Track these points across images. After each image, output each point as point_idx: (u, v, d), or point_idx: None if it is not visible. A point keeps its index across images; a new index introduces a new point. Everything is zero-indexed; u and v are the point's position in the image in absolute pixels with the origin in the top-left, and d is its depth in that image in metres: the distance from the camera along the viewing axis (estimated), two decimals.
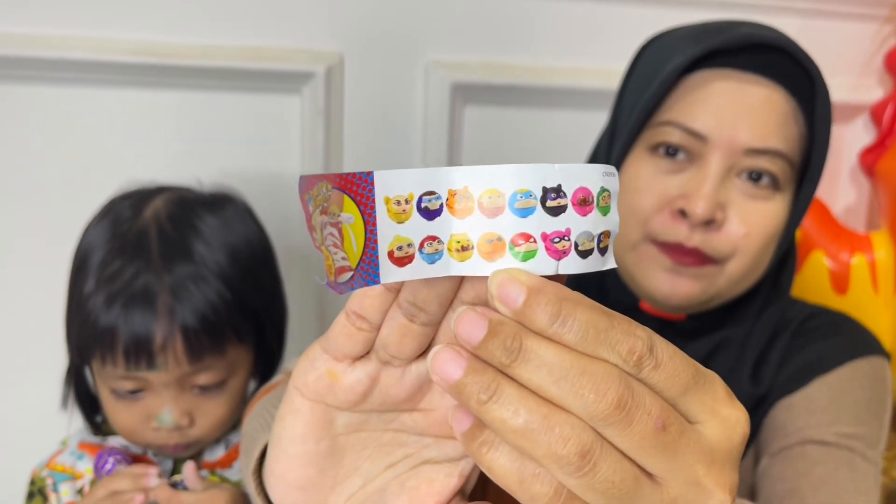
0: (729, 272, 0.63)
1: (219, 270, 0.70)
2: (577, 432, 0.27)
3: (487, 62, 1.09)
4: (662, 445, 0.27)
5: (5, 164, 1.02)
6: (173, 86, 1.03)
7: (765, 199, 0.62)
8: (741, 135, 0.60)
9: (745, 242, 0.61)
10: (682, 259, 0.62)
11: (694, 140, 0.61)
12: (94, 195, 1.03)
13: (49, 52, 0.98)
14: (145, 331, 0.66)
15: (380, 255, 0.28)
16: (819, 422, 0.63)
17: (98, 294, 0.67)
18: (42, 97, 1.01)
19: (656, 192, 0.62)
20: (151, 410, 0.70)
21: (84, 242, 0.73)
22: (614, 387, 0.27)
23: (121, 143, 1.04)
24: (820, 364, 0.66)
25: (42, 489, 0.73)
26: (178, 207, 0.73)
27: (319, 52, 1.04)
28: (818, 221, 1.17)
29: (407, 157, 1.11)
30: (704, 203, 0.59)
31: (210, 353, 0.69)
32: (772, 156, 0.60)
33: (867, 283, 1.14)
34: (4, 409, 1.05)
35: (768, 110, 0.60)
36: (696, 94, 0.62)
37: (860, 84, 1.22)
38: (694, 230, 0.61)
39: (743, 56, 0.61)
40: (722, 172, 0.61)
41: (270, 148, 1.07)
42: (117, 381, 0.69)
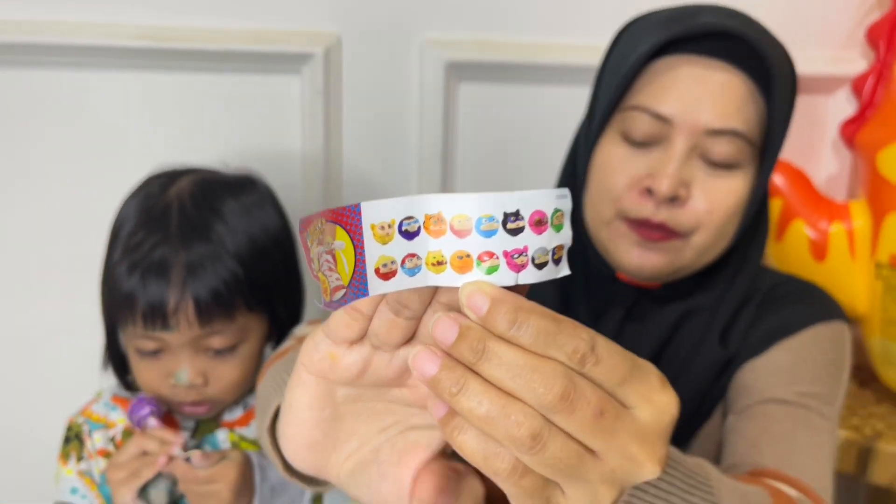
0: (694, 245, 0.67)
1: (235, 250, 0.75)
2: (529, 419, 0.33)
3: (480, 41, 1.12)
4: (600, 428, 0.34)
5: (18, 145, 1.06)
6: (177, 68, 1.06)
7: (726, 177, 0.66)
8: (702, 117, 0.64)
9: (708, 217, 0.66)
10: (649, 234, 0.67)
11: (660, 123, 0.66)
12: (103, 172, 1.09)
13: (57, 37, 1.01)
14: (159, 298, 0.72)
15: (368, 272, 0.34)
16: (779, 381, 0.68)
17: (122, 262, 0.74)
18: (51, 81, 1.05)
19: (626, 172, 0.67)
20: (169, 369, 0.76)
21: (118, 215, 0.79)
22: (560, 381, 0.33)
23: (127, 124, 1.08)
24: (783, 329, 0.71)
25: (78, 434, 0.80)
26: (201, 188, 0.78)
27: (318, 33, 1.08)
28: (799, 191, 1.22)
29: (403, 134, 1.15)
30: (669, 181, 0.64)
31: (220, 319, 0.75)
32: (731, 135, 0.65)
33: (845, 250, 1.19)
34: (47, 368, 1.13)
35: (728, 93, 0.64)
36: (661, 80, 0.66)
37: (843, 56, 1.26)
38: (660, 207, 0.65)
39: (705, 42, 0.65)
40: (685, 153, 0.65)
41: (272, 126, 1.11)
42: (139, 341, 0.75)
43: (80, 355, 1.10)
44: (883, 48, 1.18)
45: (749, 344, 0.72)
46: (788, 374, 0.69)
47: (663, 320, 0.71)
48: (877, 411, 1.18)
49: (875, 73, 1.19)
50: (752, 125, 0.65)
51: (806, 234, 1.20)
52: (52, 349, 1.14)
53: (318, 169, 1.12)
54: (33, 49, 1.02)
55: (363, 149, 1.14)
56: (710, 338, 0.71)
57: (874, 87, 1.19)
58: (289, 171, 1.10)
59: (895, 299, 1.12)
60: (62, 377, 1.12)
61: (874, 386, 1.26)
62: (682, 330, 0.72)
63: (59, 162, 1.08)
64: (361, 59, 1.11)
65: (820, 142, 1.32)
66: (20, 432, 1.15)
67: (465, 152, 1.16)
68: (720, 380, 0.72)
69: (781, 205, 1.21)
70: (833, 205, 1.22)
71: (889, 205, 1.12)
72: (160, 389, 0.78)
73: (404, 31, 1.11)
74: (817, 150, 1.33)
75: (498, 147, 1.17)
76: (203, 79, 1.08)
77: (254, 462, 0.72)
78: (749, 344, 0.72)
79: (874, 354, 1.20)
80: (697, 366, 0.72)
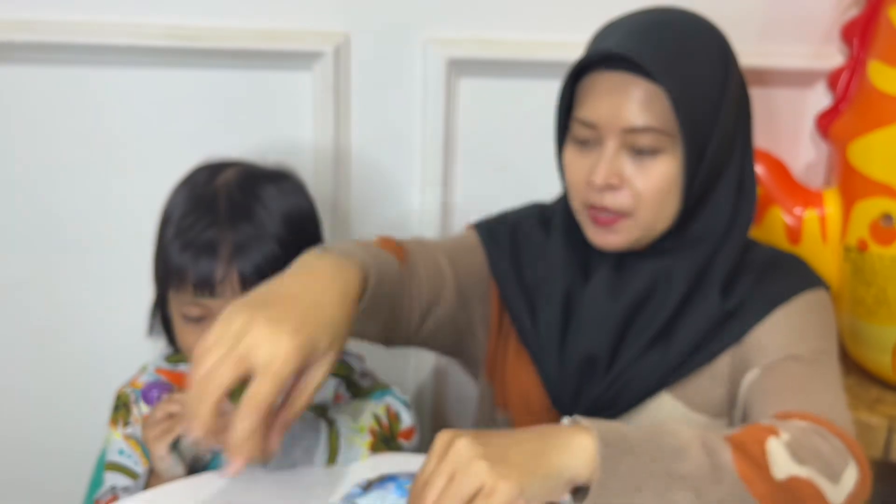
0: (640, 221, 0.81)
1: (274, 232, 0.85)
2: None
3: (479, 39, 1.20)
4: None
5: (53, 138, 1.16)
6: (198, 66, 1.15)
7: (652, 162, 0.80)
8: (618, 120, 0.79)
9: (643, 197, 0.80)
10: (603, 220, 0.82)
11: (592, 129, 0.81)
12: (132, 162, 1.18)
13: (88, 37, 1.10)
14: (209, 272, 0.82)
15: None
16: (791, 341, 0.80)
17: (176, 241, 0.84)
18: (81, 78, 1.14)
19: (580, 170, 0.83)
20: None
21: (169, 202, 0.90)
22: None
23: (152, 117, 1.17)
24: (781, 294, 0.84)
25: (126, 403, 0.90)
26: (245, 178, 0.89)
27: (328, 33, 1.16)
28: (777, 179, 1.30)
29: (407, 126, 1.24)
30: (602, 174, 0.79)
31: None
32: (644, 130, 0.78)
33: (817, 235, 1.28)
34: (99, 340, 1.24)
35: (635, 98, 0.78)
36: (588, 93, 0.81)
37: (821, 52, 1.33)
38: (603, 194, 0.80)
39: (615, 62, 0.79)
40: (614, 149, 0.79)
41: (286, 120, 1.20)
42: (187, 308, 0.85)
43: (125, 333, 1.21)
44: (857, 45, 1.26)
45: (752, 306, 0.84)
46: (797, 333, 0.82)
47: (645, 272, 0.85)
48: (845, 383, 1.28)
49: (849, 69, 1.27)
50: (662, 118, 0.78)
51: (782, 220, 1.29)
52: (99, 327, 1.25)
53: (329, 159, 1.21)
54: (66, 48, 1.11)
55: (370, 140, 1.23)
56: (711, 293, 0.83)
57: (848, 81, 1.27)
58: (301, 161, 1.18)
59: (862, 281, 1.21)
60: (114, 351, 1.23)
61: (843, 361, 1.36)
62: (667, 282, 0.84)
63: (91, 152, 1.17)
64: (369, 57, 1.19)
65: (799, 132, 1.39)
66: (74, 401, 1.27)
67: (464, 143, 1.25)
68: (721, 329, 0.84)
69: (760, 192, 1.30)
70: (808, 192, 1.30)
71: (858, 193, 1.21)
72: None
73: (408, 30, 1.19)
74: (797, 140, 1.40)
75: (495, 138, 1.26)
76: (222, 75, 1.17)
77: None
78: (752, 306, 0.84)
79: (843, 331, 1.29)
80: (697, 313, 0.83)
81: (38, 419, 1.28)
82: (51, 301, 1.22)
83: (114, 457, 0.88)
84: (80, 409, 1.26)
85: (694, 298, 0.84)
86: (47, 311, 1.22)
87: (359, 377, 0.95)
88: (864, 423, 1.14)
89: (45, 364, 1.25)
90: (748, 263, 0.87)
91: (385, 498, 0.73)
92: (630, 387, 0.84)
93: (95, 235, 1.21)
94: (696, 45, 0.81)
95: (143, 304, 0.98)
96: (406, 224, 1.28)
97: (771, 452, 0.65)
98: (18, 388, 1.26)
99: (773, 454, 0.65)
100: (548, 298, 0.88)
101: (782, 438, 0.67)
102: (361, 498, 0.74)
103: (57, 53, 1.11)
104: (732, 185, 0.84)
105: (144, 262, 1.17)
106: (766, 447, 0.65)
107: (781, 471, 0.65)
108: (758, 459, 0.65)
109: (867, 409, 1.17)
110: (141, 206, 1.18)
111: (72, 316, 1.23)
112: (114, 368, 1.22)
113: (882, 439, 1.14)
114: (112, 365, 1.23)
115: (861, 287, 1.22)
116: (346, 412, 0.86)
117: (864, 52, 1.24)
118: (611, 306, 0.84)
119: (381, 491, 0.74)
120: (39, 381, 1.26)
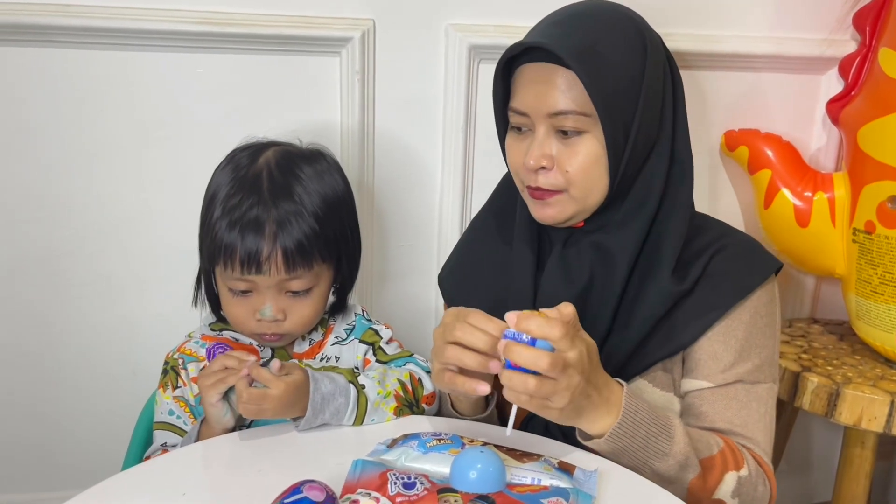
0: (574, 195, 0.88)
1: (312, 210, 0.91)
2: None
3: (500, 25, 1.25)
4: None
5: (93, 119, 1.22)
6: (232, 50, 1.21)
7: (577, 142, 0.86)
8: (543, 106, 0.85)
9: (570, 175, 0.86)
10: (539, 195, 0.89)
11: (523, 117, 0.88)
12: (168, 142, 1.24)
13: (127, 22, 1.16)
14: (255, 248, 0.88)
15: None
16: (737, 358, 0.89)
17: (223, 220, 0.89)
18: (119, 61, 1.20)
19: (517, 155, 0.90)
20: (256, 306, 0.92)
21: (213, 182, 0.94)
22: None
23: (188, 99, 1.23)
24: (737, 291, 0.89)
25: (174, 367, 0.96)
26: (284, 158, 0.94)
27: (355, 19, 1.21)
28: (786, 163, 1.34)
29: (430, 108, 1.29)
30: (533, 157, 0.86)
31: (301, 266, 0.90)
32: (566, 113, 0.84)
33: (826, 217, 1.32)
34: (146, 311, 1.31)
35: (558, 84, 0.85)
36: (518, 84, 0.88)
37: (834, 39, 1.36)
38: (537, 175, 0.87)
39: (535, 52, 0.86)
40: (544, 133, 0.87)
41: (314, 102, 1.25)
42: (233, 283, 0.91)
43: (161, 303, 1.30)
44: (868, 33, 1.29)
45: (705, 295, 0.89)
46: (742, 349, 0.89)
47: (587, 246, 0.91)
48: (850, 361, 1.32)
49: (860, 56, 1.30)
50: (581, 101, 0.84)
51: (791, 203, 1.33)
52: (136, 298, 1.31)
53: (356, 139, 1.26)
54: (105, 32, 1.16)
55: (395, 121, 1.28)
56: (661, 274, 0.88)
57: (859, 68, 1.30)
58: (329, 141, 1.23)
59: (868, 261, 1.25)
60: (151, 319, 1.31)
61: (850, 339, 1.40)
62: (610, 258, 0.90)
63: (129, 132, 1.23)
64: (394, 42, 1.24)
65: (811, 117, 1.43)
66: (129, 366, 1.35)
67: (484, 125, 1.30)
68: (673, 307, 0.89)
69: (770, 175, 1.34)
70: (818, 175, 1.34)
71: (867, 176, 1.24)
72: (246, 322, 0.93)
73: (432, 17, 1.24)
74: (809, 124, 1.44)
75: None
76: (254, 59, 1.22)
77: (310, 375, 0.88)
78: (705, 295, 0.89)
79: (850, 310, 1.33)
80: (650, 296, 0.88)
81: (80, 381, 1.35)
82: (92, 272, 1.29)
83: (163, 417, 0.95)
84: (120, 373, 1.33)
85: (645, 280, 0.89)
86: (90, 280, 1.29)
87: (385, 344, 1.01)
88: (868, 398, 1.19)
89: (84, 331, 1.32)
90: (701, 246, 0.91)
91: (408, 453, 0.78)
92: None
93: (133, 212, 1.27)
94: (609, 32, 0.86)
95: (179, 277, 1.04)
96: (428, 202, 1.34)
97: (724, 482, 0.84)
98: (60, 349, 1.33)
99: (726, 483, 0.84)
100: (519, 267, 0.94)
101: (741, 474, 0.85)
102: (386, 454, 0.79)
103: (96, 37, 1.17)
104: (664, 162, 0.90)
105: (180, 237, 1.25)
106: (724, 477, 0.84)
107: (720, 494, 0.84)
108: (710, 485, 0.84)
109: (871, 386, 1.21)
110: (176, 185, 1.26)
111: (111, 286, 1.30)
112: (151, 336, 1.30)
113: (884, 414, 1.19)
114: (150, 333, 1.31)
115: (868, 268, 1.25)
116: (374, 378, 0.91)
117: (876, 40, 1.27)
118: (565, 294, 0.89)
119: (405, 447, 0.80)
120: (80, 345, 1.33)
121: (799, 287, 1.52)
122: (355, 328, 1.02)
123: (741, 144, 1.36)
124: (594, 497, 0.73)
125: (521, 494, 0.71)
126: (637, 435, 0.80)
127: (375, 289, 1.37)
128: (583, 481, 0.76)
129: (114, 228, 1.27)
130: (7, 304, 1.29)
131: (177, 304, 1.04)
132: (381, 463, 0.76)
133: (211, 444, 0.84)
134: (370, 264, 1.35)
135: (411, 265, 1.37)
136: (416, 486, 0.71)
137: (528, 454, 0.79)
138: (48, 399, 1.35)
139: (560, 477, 0.75)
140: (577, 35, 0.85)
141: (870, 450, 1.27)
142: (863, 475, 1.28)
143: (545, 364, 0.71)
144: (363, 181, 1.29)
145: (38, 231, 1.26)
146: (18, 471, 1.38)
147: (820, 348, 1.37)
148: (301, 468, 0.78)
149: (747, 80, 1.38)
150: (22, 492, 1.39)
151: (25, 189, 1.24)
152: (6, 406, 1.34)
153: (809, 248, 1.34)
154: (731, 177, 1.44)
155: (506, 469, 0.74)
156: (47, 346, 1.32)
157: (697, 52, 1.32)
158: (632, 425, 0.79)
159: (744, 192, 1.44)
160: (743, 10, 1.34)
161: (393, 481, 0.71)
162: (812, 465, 1.68)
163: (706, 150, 1.40)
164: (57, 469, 1.39)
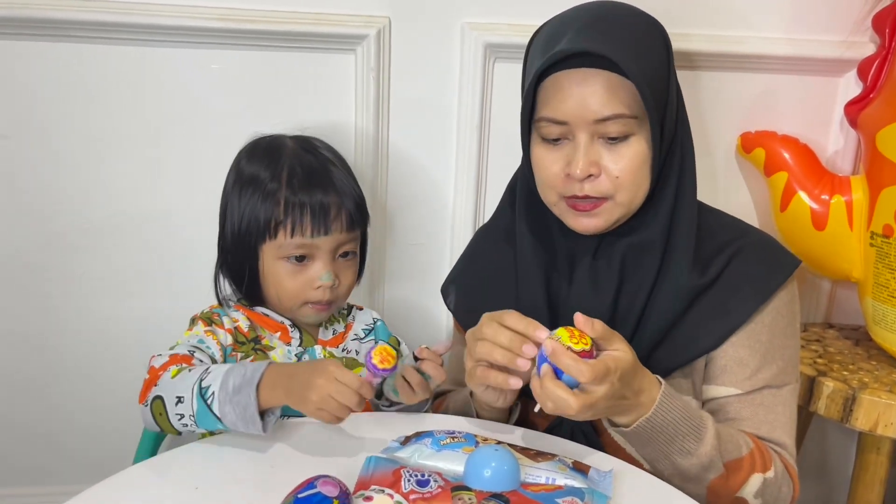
0: (620, 202, 0.86)
1: (350, 186, 0.98)
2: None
3: (514, 24, 1.24)
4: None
5: (111, 113, 1.22)
6: (248, 46, 1.21)
7: (624, 146, 0.84)
8: (587, 112, 0.83)
9: (621, 179, 0.85)
10: (583, 207, 0.86)
11: (561, 126, 0.85)
12: (184, 137, 1.25)
13: (146, 18, 1.16)
14: (326, 206, 0.94)
15: None
16: (762, 363, 0.88)
17: (286, 189, 0.94)
18: (138, 57, 1.20)
19: (553, 165, 0.87)
20: (310, 275, 0.95)
21: (244, 170, 0.98)
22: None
23: (205, 94, 1.23)
24: (757, 295, 0.88)
25: (208, 316, 0.98)
26: (307, 142, 1.01)
27: (370, 17, 1.21)
28: (803, 166, 1.33)
29: (445, 106, 1.29)
30: (581, 165, 0.84)
31: (357, 226, 0.98)
32: (613, 118, 0.83)
33: (843, 221, 1.30)
34: (159, 304, 1.32)
35: (600, 89, 0.82)
36: (552, 93, 0.85)
37: (852, 41, 1.35)
38: (582, 184, 0.85)
39: (573, 59, 0.83)
40: (587, 140, 0.84)
41: (329, 99, 1.25)
42: (293, 249, 0.94)
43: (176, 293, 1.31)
44: (888, 35, 1.28)
45: (726, 298, 0.88)
46: (766, 352, 0.88)
47: (621, 251, 0.90)
48: (865, 366, 1.30)
49: (879, 58, 1.29)
50: (626, 103, 0.83)
51: (808, 206, 1.32)
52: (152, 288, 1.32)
53: (370, 136, 1.26)
54: (124, 28, 1.17)
55: (409, 119, 1.28)
56: (678, 267, 0.88)
57: (878, 71, 1.29)
58: (344, 137, 1.24)
59: (886, 265, 1.24)
60: (169, 306, 1.31)
61: (866, 344, 1.38)
62: (639, 260, 0.89)
63: (146, 127, 1.23)
64: (409, 40, 1.24)
65: (829, 119, 1.41)
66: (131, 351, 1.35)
67: (498, 123, 1.30)
68: (693, 310, 0.89)
69: (786, 178, 1.33)
70: (835, 178, 1.32)
71: (885, 180, 1.23)
72: (301, 293, 0.96)
73: (447, 15, 1.24)
74: (828, 127, 1.42)
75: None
76: (269, 56, 1.22)
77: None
78: (726, 298, 0.88)
79: (867, 314, 1.32)
80: (669, 286, 0.88)
81: (91, 374, 1.36)
82: (105, 266, 1.30)
83: (192, 341, 0.94)
84: (132, 366, 1.33)
85: (665, 276, 0.88)
86: (103, 274, 1.30)
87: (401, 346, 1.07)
88: (885, 404, 1.17)
89: (98, 324, 1.33)
90: (719, 244, 0.90)
91: (421, 451, 0.78)
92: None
93: (147, 207, 1.28)
94: (642, 33, 0.86)
95: (191, 271, 1.05)
96: (442, 199, 1.33)
97: (749, 483, 0.84)
98: (74, 343, 1.34)
99: (751, 484, 0.84)
100: (525, 278, 0.93)
101: (767, 475, 0.85)
102: (400, 451, 0.79)
103: (112, 33, 1.18)
104: (677, 156, 0.90)
105: (193, 231, 1.25)
106: (750, 478, 0.84)
107: (744, 493, 0.84)
108: (734, 485, 0.84)
109: (887, 392, 1.20)
110: (190, 180, 1.26)
111: (124, 280, 1.31)
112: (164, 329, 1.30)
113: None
114: (163, 326, 1.30)
115: (885, 272, 1.24)
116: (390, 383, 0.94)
117: (895, 42, 1.26)
118: (595, 301, 0.89)
119: (418, 444, 0.79)
120: (92, 338, 1.34)
121: (814, 291, 1.51)
122: (375, 330, 1.07)
123: (757, 146, 1.35)
124: (609, 497, 0.72)
125: (535, 493, 0.70)
126: (665, 431, 0.80)
127: (387, 287, 1.37)
128: (598, 481, 0.75)
129: (128, 223, 1.28)
130: (21, 296, 1.30)
131: (190, 297, 1.04)
132: (394, 460, 0.76)
133: (223, 439, 0.84)
134: (382, 262, 1.35)
135: (424, 264, 1.37)
136: (429, 483, 0.70)
137: (543, 453, 0.79)
138: (60, 393, 1.36)
139: (575, 477, 0.74)
140: (616, 38, 0.83)
141: (885, 456, 1.26)
142: (877, 481, 1.27)
143: (573, 409, 0.73)
144: (377, 178, 1.29)
145: (52, 225, 1.27)
146: (31, 464, 1.39)
147: (835, 353, 1.35)
148: (314, 464, 0.78)
149: (764, 81, 1.36)
150: (35, 485, 1.40)
151: (40, 183, 1.25)
152: (19, 399, 1.35)
153: (826, 251, 1.33)
154: (747, 179, 1.43)
155: (520, 468, 0.73)
156: (60, 340, 1.33)
157: (714, 52, 1.31)
158: (661, 422, 0.80)
159: (759, 194, 1.43)
160: (760, 12, 1.33)
161: (406, 478, 0.70)
162: (826, 470, 1.66)
163: (722, 151, 1.39)
164: (68, 462, 1.39)
